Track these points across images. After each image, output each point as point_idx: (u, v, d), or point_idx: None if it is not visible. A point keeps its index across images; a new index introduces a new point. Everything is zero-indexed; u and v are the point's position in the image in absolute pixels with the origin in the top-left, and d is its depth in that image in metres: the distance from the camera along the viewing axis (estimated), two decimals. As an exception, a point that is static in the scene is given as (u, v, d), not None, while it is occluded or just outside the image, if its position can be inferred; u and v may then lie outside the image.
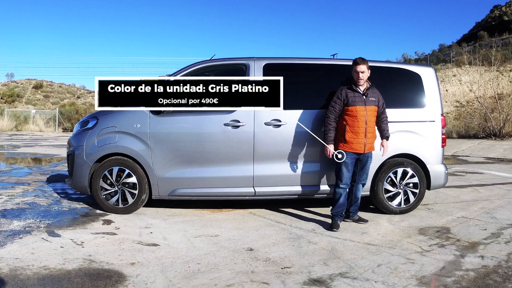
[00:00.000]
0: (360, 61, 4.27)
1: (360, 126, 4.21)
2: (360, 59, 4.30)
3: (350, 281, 2.92)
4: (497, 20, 53.86)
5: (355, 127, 4.22)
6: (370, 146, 4.32)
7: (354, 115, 4.21)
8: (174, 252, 3.47)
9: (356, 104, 4.21)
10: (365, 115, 4.23)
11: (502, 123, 16.54)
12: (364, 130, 4.22)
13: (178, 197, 4.69)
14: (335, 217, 4.27)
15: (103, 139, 4.63)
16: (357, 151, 4.26)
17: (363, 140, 4.23)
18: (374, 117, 4.33)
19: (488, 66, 23.76)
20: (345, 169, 4.26)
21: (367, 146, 4.27)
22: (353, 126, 4.22)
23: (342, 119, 4.29)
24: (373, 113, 4.30)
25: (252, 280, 2.91)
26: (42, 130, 28.01)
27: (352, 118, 4.22)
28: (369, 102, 4.26)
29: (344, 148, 4.25)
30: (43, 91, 47.22)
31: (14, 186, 6.28)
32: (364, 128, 4.22)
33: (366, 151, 4.29)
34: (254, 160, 4.60)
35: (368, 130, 4.25)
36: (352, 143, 4.23)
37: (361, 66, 4.23)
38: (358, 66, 4.24)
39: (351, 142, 4.22)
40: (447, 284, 2.88)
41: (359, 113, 4.21)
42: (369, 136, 4.27)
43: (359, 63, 4.25)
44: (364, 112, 4.22)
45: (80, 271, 3.00)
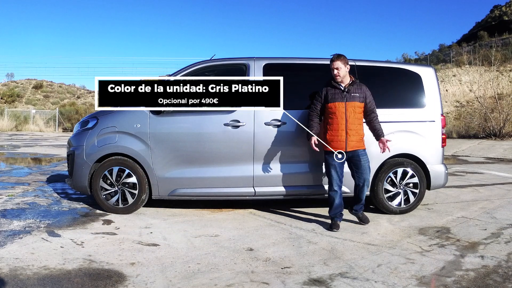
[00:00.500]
0: (335, 58, 4.23)
1: (340, 123, 4.12)
2: (335, 56, 4.25)
3: (350, 281, 2.92)
4: (497, 20, 53.87)
5: (334, 124, 4.15)
6: (353, 144, 4.16)
7: (334, 111, 4.15)
8: (174, 252, 3.47)
9: (336, 101, 4.15)
10: (345, 111, 4.13)
11: (502, 123, 16.54)
12: (344, 127, 4.12)
13: (178, 197, 4.69)
14: (334, 218, 4.25)
15: (103, 139, 4.63)
16: (339, 149, 4.15)
17: (344, 137, 4.12)
18: (357, 114, 4.20)
19: (488, 66, 23.76)
20: (333, 171, 4.18)
21: (349, 144, 4.13)
22: (333, 124, 4.16)
23: (325, 119, 4.26)
24: (356, 109, 4.18)
25: (252, 280, 2.91)
26: (42, 130, 28.01)
27: (332, 115, 4.16)
28: (351, 98, 4.16)
29: (327, 148, 4.19)
30: (43, 91, 47.22)
31: (14, 186, 6.28)
32: (344, 125, 4.12)
33: (349, 149, 4.14)
34: (254, 160, 4.61)
35: (349, 127, 4.13)
36: (332, 141, 4.15)
37: (336, 63, 4.19)
38: (334, 63, 4.21)
39: (332, 140, 4.15)
40: (447, 284, 2.88)
41: (338, 110, 4.13)
42: (351, 134, 4.13)
43: (334, 60, 4.21)
44: (343, 109, 4.13)
45: (80, 271, 3.00)
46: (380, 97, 4.92)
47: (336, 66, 4.19)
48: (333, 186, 4.22)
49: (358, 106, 4.19)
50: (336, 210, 4.24)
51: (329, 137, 4.16)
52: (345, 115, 4.12)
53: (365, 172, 4.24)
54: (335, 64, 4.20)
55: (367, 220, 4.41)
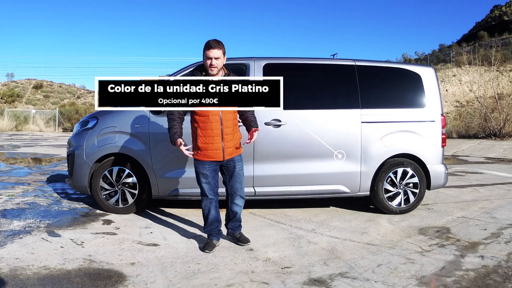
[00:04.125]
0: (214, 45, 3.34)
1: (214, 128, 3.39)
2: (214, 42, 3.36)
3: (350, 281, 2.92)
4: (497, 20, 53.87)
5: (208, 129, 3.40)
6: (231, 150, 3.48)
7: (206, 114, 3.39)
8: (174, 252, 3.47)
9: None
10: (220, 113, 3.40)
11: (502, 123, 16.53)
12: (220, 133, 3.40)
13: (178, 197, 4.69)
14: (210, 236, 3.59)
15: (103, 139, 4.63)
16: (214, 159, 3.45)
17: (220, 145, 3.41)
18: (233, 114, 3.51)
19: (488, 66, 23.74)
20: (204, 180, 3.50)
21: (227, 152, 3.44)
22: (206, 129, 3.40)
23: (193, 121, 3.48)
24: (231, 112, 3.49)
25: (252, 280, 2.91)
26: (42, 130, 28.00)
27: (204, 118, 3.40)
28: None
29: (199, 157, 3.45)
30: (43, 91, 47.22)
31: (14, 186, 6.28)
32: (219, 130, 3.39)
33: (226, 158, 3.47)
34: (254, 160, 4.60)
35: (225, 131, 3.42)
36: (207, 150, 3.42)
37: (215, 51, 3.34)
38: (211, 51, 3.33)
39: (206, 148, 3.41)
40: (447, 284, 2.88)
41: (212, 112, 3.37)
42: (228, 139, 3.43)
43: (213, 47, 3.33)
44: (218, 111, 3.38)
45: (80, 271, 3.00)
46: (380, 97, 4.94)
47: (217, 55, 3.36)
48: (207, 195, 3.52)
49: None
50: (212, 225, 3.58)
51: (201, 145, 3.43)
52: (220, 118, 3.40)
53: (240, 180, 3.60)
54: (214, 53, 3.34)
55: (247, 241, 3.68)
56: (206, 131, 3.42)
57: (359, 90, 4.80)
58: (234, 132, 3.53)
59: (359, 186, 4.75)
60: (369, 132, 4.74)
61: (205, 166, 3.48)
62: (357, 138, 4.72)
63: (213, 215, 3.57)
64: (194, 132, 3.52)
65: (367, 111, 4.77)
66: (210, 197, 3.54)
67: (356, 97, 4.78)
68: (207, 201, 3.55)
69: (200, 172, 3.51)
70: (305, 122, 4.64)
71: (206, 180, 3.51)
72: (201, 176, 3.52)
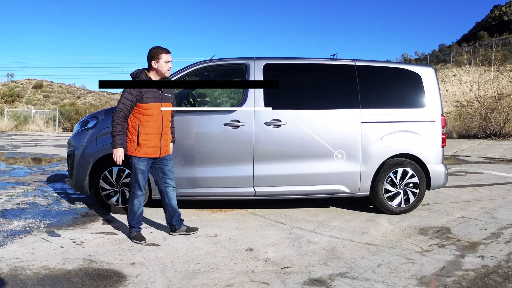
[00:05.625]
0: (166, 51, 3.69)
1: (156, 127, 3.66)
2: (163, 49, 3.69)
3: (350, 281, 2.92)
4: (497, 20, 53.89)
5: (150, 127, 3.64)
6: (166, 149, 3.80)
7: (150, 113, 3.62)
8: (174, 252, 3.47)
9: (152, 101, 3.62)
10: (161, 113, 3.68)
11: (502, 123, 16.53)
12: (160, 131, 3.69)
13: (178, 197, 4.67)
14: (136, 228, 3.79)
15: (103, 139, 4.63)
16: (153, 156, 3.70)
17: (159, 142, 3.70)
18: (169, 116, 3.82)
19: (488, 66, 23.73)
20: (141, 176, 3.70)
21: (163, 150, 3.75)
22: (148, 127, 3.63)
23: (135, 118, 3.67)
24: (169, 111, 3.78)
25: (252, 280, 2.91)
26: (42, 130, 28.00)
27: (147, 117, 3.63)
28: (165, 99, 3.73)
29: (137, 154, 3.65)
30: (43, 91, 47.22)
31: (14, 186, 6.28)
32: (160, 129, 3.68)
33: (162, 155, 3.76)
34: (254, 160, 4.60)
35: (164, 130, 3.73)
36: (146, 147, 3.65)
37: (170, 56, 3.69)
38: (169, 55, 3.68)
39: (146, 145, 3.64)
40: (447, 284, 2.88)
41: (155, 112, 3.63)
42: (164, 138, 3.75)
43: (168, 52, 3.68)
44: (160, 111, 3.66)
45: (80, 271, 3.00)
46: (380, 97, 4.94)
47: (171, 59, 3.70)
48: (142, 191, 3.75)
49: (170, 107, 3.80)
50: (139, 217, 3.82)
51: (142, 141, 3.62)
52: (161, 118, 3.68)
53: (173, 176, 3.91)
54: (169, 58, 3.69)
55: (195, 229, 4.01)
56: (148, 129, 3.65)
57: (359, 90, 4.80)
58: (168, 132, 3.86)
59: (359, 186, 4.75)
60: (369, 132, 4.75)
61: (144, 162, 3.71)
62: (357, 138, 4.72)
63: (141, 209, 3.83)
64: (134, 129, 3.67)
65: (367, 111, 4.77)
66: (143, 193, 3.79)
67: (356, 97, 4.78)
68: (141, 197, 3.79)
69: (139, 169, 3.70)
70: (305, 122, 4.64)
71: (143, 176, 3.74)
72: (139, 172, 3.71)
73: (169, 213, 3.93)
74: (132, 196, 3.77)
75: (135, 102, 3.61)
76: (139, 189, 3.74)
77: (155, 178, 3.89)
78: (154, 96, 3.64)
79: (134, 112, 3.66)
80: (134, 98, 3.60)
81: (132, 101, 3.61)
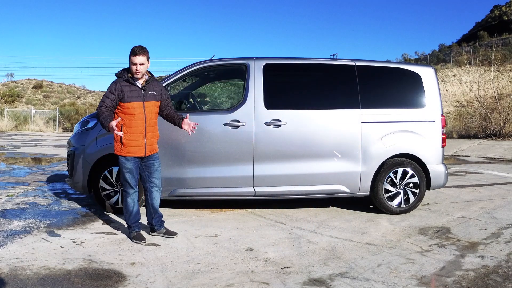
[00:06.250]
0: (139, 51, 3.63)
1: (139, 126, 3.67)
2: (139, 48, 3.65)
3: (350, 281, 2.92)
4: (497, 20, 53.90)
5: (132, 126, 3.66)
6: (151, 147, 3.80)
7: (131, 113, 3.64)
8: (174, 252, 3.47)
9: (133, 100, 3.63)
10: (144, 112, 3.68)
11: (502, 123, 16.52)
12: (143, 130, 3.69)
13: (178, 197, 4.68)
14: (135, 228, 3.81)
15: (103, 139, 4.63)
16: (137, 155, 3.72)
17: (143, 141, 3.70)
18: (155, 114, 3.80)
19: (488, 66, 23.73)
20: (129, 175, 3.75)
21: (148, 148, 3.75)
22: (130, 126, 3.66)
23: (118, 117, 3.68)
24: (154, 109, 3.77)
25: (252, 280, 2.91)
26: (42, 130, 28.00)
27: (129, 116, 3.65)
28: (148, 98, 3.71)
29: (122, 153, 3.69)
30: (43, 91, 47.23)
31: (14, 186, 6.28)
32: (143, 128, 3.69)
33: (147, 154, 3.76)
34: (254, 160, 4.60)
35: (148, 129, 3.72)
36: (130, 146, 3.67)
37: (139, 58, 3.62)
38: (136, 57, 3.61)
39: (129, 144, 3.66)
40: (447, 284, 2.88)
41: (137, 111, 3.65)
42: (149, 137, 3.74)
43: (138, 53, 3.62)
44: (142, 109, 3.67)
45: (80, 271, 3.00)
46: (380, 97, 4.94)
47: (141, 61, 3.63)
48: (134, 188, 3.79)
49: (155, 105, 3.78)
50: (136, 216, 3.83)
51: (126, 141, 3.66)
52: (144, 117, 3.69)
53: (159, 176, 3.90)
54: (139, 59, 3.62)
55: (174, 233, 3.94)
56: (130, 128, 3.68)
57: (359, 90, 4.81)
58: (155, 131, 3.84)
59: (359, 186, 4.75)
60: (369, 132, 4.75)
61: (131, 161, 3.73)
62: (357, 138, 4.72)
63: (136, 207, 3.84)
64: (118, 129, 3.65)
65: (367, 111, 4.77)
66: (135, 190, 3.81)
67: (356, 97, 4.78)
68: (134, 195, 3.82)
69: (126, 167, 3.75)
70: (305, 122, 4.64)
71: (132, 175, 3.77)
72: (126, 171, 3.75)
73: (150, 213, 3.93)
74: (125, 195, 3.82)
75: (116, 101, 3.64)
76: (129, 187, 3.79)
77: (142, 176, 3.88)
78: (135, 95, 3.65)
79: (117, 111, 3.71)
80: (115, 97, 3.63)
81: (113, 100, 3.63)
